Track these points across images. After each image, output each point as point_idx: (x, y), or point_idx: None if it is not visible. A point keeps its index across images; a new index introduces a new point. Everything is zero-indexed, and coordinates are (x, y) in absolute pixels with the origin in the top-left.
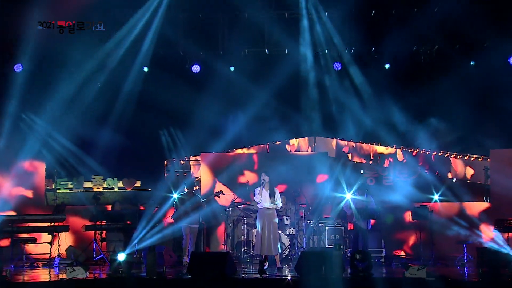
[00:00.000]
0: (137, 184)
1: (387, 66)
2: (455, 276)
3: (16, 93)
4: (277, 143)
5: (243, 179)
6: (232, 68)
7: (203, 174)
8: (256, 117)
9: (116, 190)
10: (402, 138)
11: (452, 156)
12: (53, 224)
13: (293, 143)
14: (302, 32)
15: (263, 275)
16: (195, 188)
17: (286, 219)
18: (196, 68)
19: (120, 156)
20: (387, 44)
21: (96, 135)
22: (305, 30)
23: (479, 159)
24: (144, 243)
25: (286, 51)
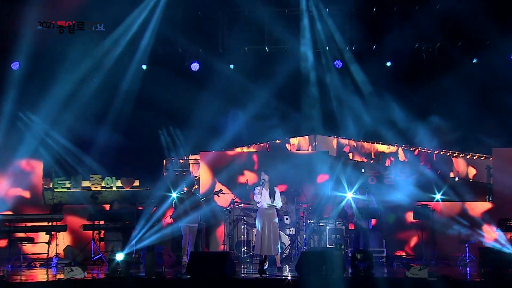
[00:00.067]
0: (135, 183)
1: (389, 64)
2: (457, 276)
3: (13, 91)
4: (277, 142)
5: (243, 179)
6: (231, 66)
7: (202, 173)
8: (256, 115)
9: (114, 189)
10: (404, 136)
11: (454, 154)
12: (50, 223)
13: (293, 142)
14: (303, 30)
15: (263, 275)
16: (194, 187)
17: (287, 219)
18: (195, 66)
19: (118, 155)
20: (389, 42)
21: (94, 134)
22: (305, 27)
23: (482, 158)
24: (142, 243)
25: (287, 49)
